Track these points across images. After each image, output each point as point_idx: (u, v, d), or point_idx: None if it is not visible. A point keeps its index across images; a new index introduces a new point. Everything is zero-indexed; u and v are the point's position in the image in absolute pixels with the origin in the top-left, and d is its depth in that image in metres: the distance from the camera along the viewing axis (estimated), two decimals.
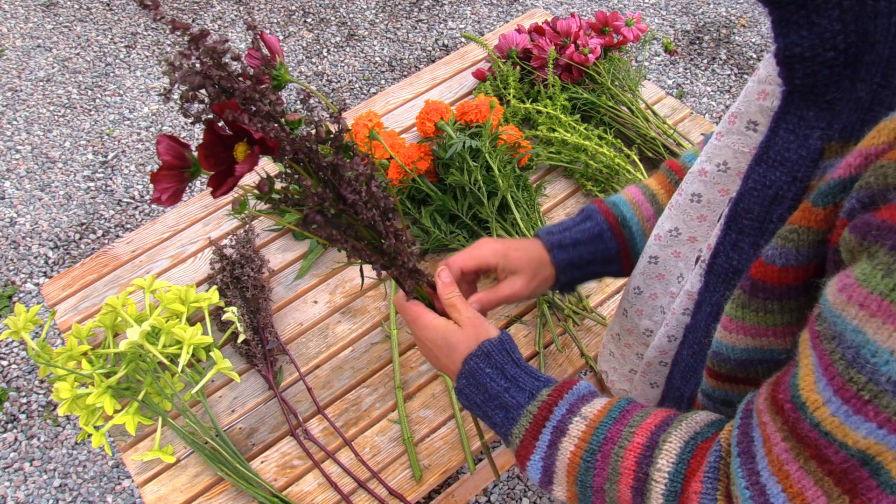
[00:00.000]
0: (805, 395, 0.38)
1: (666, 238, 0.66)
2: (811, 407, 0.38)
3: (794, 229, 0.43)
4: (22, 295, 2.09)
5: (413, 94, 1.45)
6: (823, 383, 0.37)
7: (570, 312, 1.09)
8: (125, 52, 2.83)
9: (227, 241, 1.21)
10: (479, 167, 1.13)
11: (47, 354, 0.96)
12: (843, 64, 0.43)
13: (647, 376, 0.72)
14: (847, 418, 0.36)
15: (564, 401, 0.57)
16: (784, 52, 0.45)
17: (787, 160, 0.47)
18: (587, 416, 0.55)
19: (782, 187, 0.48)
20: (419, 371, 1.06)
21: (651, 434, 0.51)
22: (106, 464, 1.77)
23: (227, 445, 0.97)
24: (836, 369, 0.36)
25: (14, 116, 2.57)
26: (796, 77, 0.45)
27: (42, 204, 2.31)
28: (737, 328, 0.48)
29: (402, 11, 2.99)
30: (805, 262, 0.43)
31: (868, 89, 0.42)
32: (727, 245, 0.52)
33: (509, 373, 0.61)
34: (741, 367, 0.51)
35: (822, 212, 0.41)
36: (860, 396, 0.35)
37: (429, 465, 0.97)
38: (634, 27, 1.38)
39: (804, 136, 0.46)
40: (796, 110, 0.47)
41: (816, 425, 0.38)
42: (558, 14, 2.96)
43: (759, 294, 0.46)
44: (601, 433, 0.53)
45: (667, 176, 0.80)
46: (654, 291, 0.70)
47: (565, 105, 1.32)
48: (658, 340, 0.66)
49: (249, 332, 1.06)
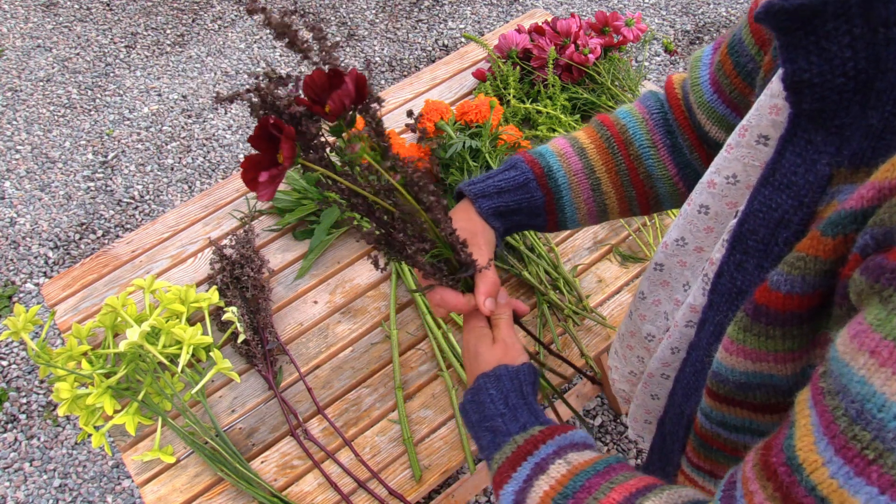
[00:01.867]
0: (802, 455, 0.36)
1: (672, 247, 0.66)
2: (808, 469, 0.35)
3: (801, 257, 0.41)
4: (22, 295, 2.09)
5: (413, 94, 1.45)
6: (824, 443, 0.34)
7: (570, 312, 1.09)
8: (125, 52, 2.83)
9: (227, 241, 1.21)
10: (479, 167, 1.13)
11: (47, 355, 0.96)
12: (853, 90, 0.42)
13: (648, 387, 0.71)
14: (847, 481, 0.33)
15: (554, 442, 0.57)
16: (792, 77, 0.44)
17: (793, 184, 0.46)
18: (572, 461, 0.54)
19: (788, 211, 0.47)
20: (419, 371, 1.06)
21: (630, 495, 0.49)
22: (106, 464, 1.77)
23: (227, 445, 0.97)
24: (837, 426, 0.34)
25: (14, 116, 2.57)
26: (804, 102, 0.44)
27: (42, 204, 2.31)
28: (737, 351, 0.48)
29: (402, 11, 2.99)
30: (810, 290, 0.42)
31: (879, 116, 0.41)
32: (731, 265, 0.52)
33: (511, 401, 0.61)
34: (739, 390, 0.50)
35: (831, 241, 0.40)
36: (864, 456, 0.32)
37: (429, 465, 0.97)
38: (634, 27, 1.38)
39: (811, 161, 0.45)
40: (804, 134, 0.46)
41: (812, 489, 0.35)
42: (558, 14, 2.96)
43: (761, 319, 0.45)
44: (579, 481, 0.52)
45: (597, 130, 0.77)
46: (658, 298, 0.70)
47: (565, 105, 1.32)
48: (661, 352, 0.66)
49: (249, 332, 1.06)
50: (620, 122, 0.77)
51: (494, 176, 0.76)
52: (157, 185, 2.36)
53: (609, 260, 1.19)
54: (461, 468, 1.57)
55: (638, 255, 1.19)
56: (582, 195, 0.77)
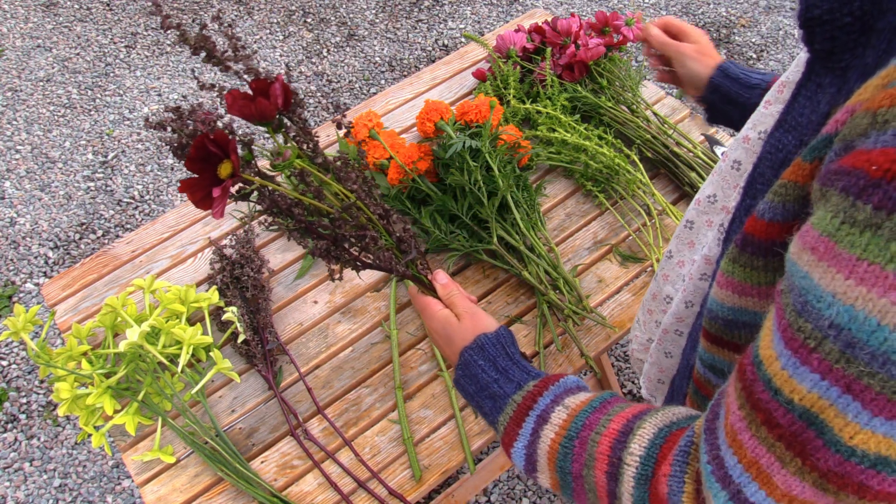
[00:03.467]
0: (762, 352, 0.38)
1: (704, 203, 0.67)
2: (766, 363, 0.38)
3: (783, 184, 0.43)
4: (22, 295, 2.09)
5: (413, 94, 1.45)
6: (777, 337, 0.37)
7: (570, 312, 1.09)
8: (125, 52, 2.83)
9: (227, 241, 1.21)
10: (479, 167, 1.13)
11: (47, 355, 0.96)
12: (858, 31, 0.44)
13: (662, 344, 0.72)
14: (794, 370, 0.36)
15: (550, 392, 0.59)
16: (805, 14, 0.46)
17: (799, 125, 0.48)
18: (569, 405, 0.56)
19: (791, 151, 0.48)
20: (419, 371, 1.06)
21: (627, 421, 0.52)
22: (106, 464, 1.77)
23: (227, 445, 0.97)
24: (787, 321, 0.36)
25: (14, 116, 2.57)
26: (816, 41, 0.46)
27: (42, 204, 2.31)
28: (727, 283, 0.49)
29: (402, 11, 2.99)
30: (790, 217, 0.43)
31: (874, 55, 0.43)
32: (742, 210, 0.53)
33: (500, 365, 0.63)
34: (727, 328, 0.51)
35: (808, 166, 0.41)
36: (806, 345, 0.35)
37: (429, 465, 0.97)
38: (634, 27, 1.38)
39: (817, 102, 0.47)
40: (815, 77, 0.48)
41: (768, 381, 0.37)
42: (558, 14, 2.96)
43: (748, 249, 0.46)
44: (580, 420, 0.55)
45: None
46: (683, 258, 0.71)
47: (565, 105, 1.32)
48: (675, 306, 0.67)
49: (249, 332, 1.06)
50: None
51: (749, 69, 0.94)
52: (157, 185, 2.36)
53: (609, 260, 1.19)
54: (461, 468, 1.57)
55: (638, 255, 1.19)
56: None
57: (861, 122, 0.34)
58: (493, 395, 0.62)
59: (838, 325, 0.33)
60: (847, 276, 0.33)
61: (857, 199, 0.33)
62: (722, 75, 0.94)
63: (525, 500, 1.70)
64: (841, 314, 0.33)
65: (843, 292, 0.33)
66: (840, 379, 0.34)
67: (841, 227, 0.33)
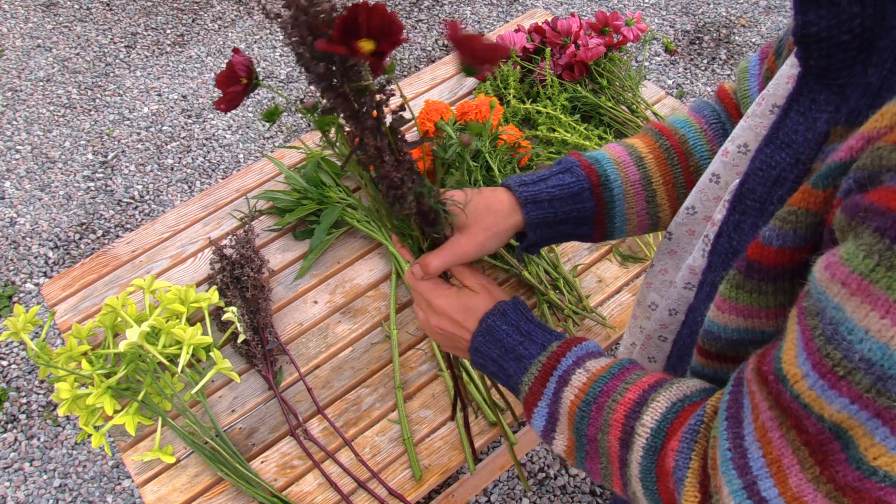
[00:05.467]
0: (787, 368, 0.39)
1: (682, 215, 0.66)
2: (791, 380, 0.39)
3: (792, 211, 0.43)
4: (22, 295, 2.09)
5: (413, 94, 1.45)
6: (804, 357, 0.38)
7: (570, 312, 1.09)
8: (125, 52, 2.83)
9: (227, 241, 1.21)
10: (479, 167, 1.13)
11: (47, 355, 0.96)
12: (857, 48, 0.43)
13: (646, 349, 0.72)
14: (823, 392, 0.37)
15: (572, 353, 0.60)
16: (801, 30, 0.45)
17: (793, 142, 0.47)
18: (590, 369, 0.58)
19: (785, 169, 0.48)
20: (419, 371, 1.06)
21: (643, 392, 0.53)
22: (106, 464, 1.77)
23: (227, 445, 0.97)
24: (815, 344, 0.37)
25: (14, 116, 2.57)
26: (811, 58, 0.45)
27: (42, 204, 2.31)
28: (729, 308, 0.49)
29: (402, 11, 2.99)
30: (801, 244, 0.43)
31: (878, 74, 0.42)
32: (730, 225, 0.53)
33: (524, 328, 0.64)
34: (731, 347, 0.52)
35: (821, 194, 0.41)
36: (835, 372, 0.36)
37: (429, 465, 0.97)
38: (634, 27, 1.38)
39: (813, 119, 0.46)
40: (809, 93, 0.47)
41: (796, 397, 0.39)
42: (558, 14, 2.96)
43: (754, 275, 0.46)
44: (598, 386, 0.56)
45: (655, 139, 0.74)
46: (665, 267, 0.71)
47: (565, 105, 1.32)
48: (660, 314, 0.67)
49: (249, 332, 1.06)
50: (679, 131, 0.74)
51: (547, 179, 0.71)
52: (157, 185, 2.36)
53: (609, 260, 1.19)
54: (461, 468, 1.57)
55: (638, 255, 1.19)
56: (635, 206, 0.73)
57: (890, 157, 0.35)
58: (518, 356, 0.63)
59: (870, 360, 0.35)
60: (882, 315, 0.34)
61: (893, 243, 0.34)
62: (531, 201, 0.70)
63: (525, 501, 1.70)
64: (874, 350, 0.34)
65: (877, 330, 0.34)
66: (870, 406, 0.36)
67: (876, 268, 0.34)
